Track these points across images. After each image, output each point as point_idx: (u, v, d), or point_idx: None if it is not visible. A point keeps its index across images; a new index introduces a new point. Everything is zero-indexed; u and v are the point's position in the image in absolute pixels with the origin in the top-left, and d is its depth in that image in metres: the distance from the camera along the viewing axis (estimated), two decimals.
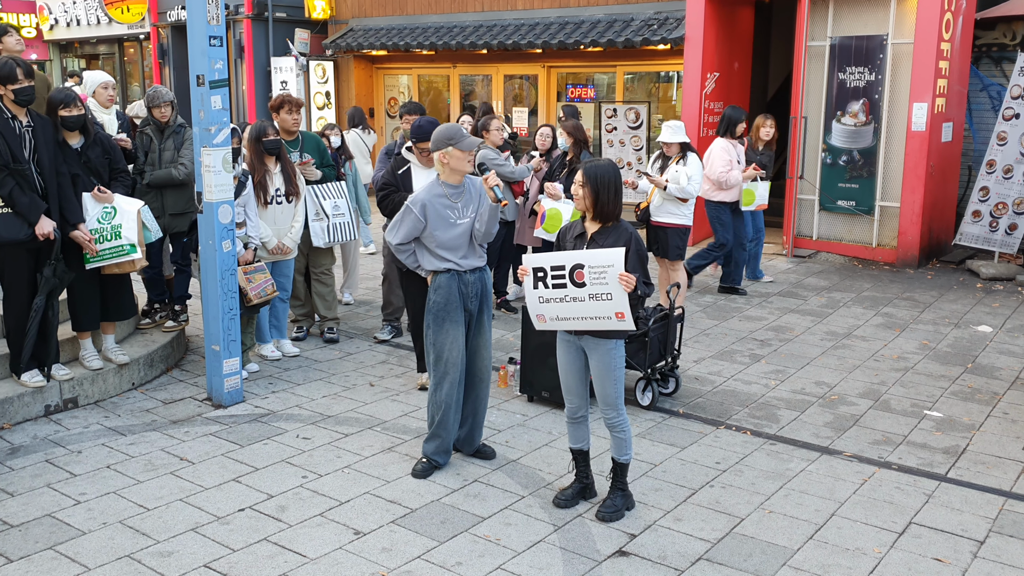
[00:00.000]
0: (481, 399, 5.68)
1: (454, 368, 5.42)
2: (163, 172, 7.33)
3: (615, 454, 4.99)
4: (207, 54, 6.18)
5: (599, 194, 4.71)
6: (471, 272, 5.44)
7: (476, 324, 5.53)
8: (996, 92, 12.32)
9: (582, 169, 4.77)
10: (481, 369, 5.62)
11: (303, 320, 8.37)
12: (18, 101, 5.97)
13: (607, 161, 4.83)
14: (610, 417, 4.92)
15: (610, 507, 4.97)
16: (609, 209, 4.75)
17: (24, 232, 5.99)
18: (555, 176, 8.66)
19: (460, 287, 5.38)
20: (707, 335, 8.50)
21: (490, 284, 5.64)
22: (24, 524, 4.84)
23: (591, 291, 4.63)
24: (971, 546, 4.73)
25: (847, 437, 6.13)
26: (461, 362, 5.44)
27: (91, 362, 6.69)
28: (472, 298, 5.44)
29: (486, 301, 5.55)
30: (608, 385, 4.88)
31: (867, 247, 11.75)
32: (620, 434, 4.94)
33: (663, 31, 13.10)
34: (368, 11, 17.33)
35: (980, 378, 7.31)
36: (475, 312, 5.49)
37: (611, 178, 4.72)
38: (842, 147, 11.67)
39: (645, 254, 4.80)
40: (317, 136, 8.40)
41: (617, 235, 4.76)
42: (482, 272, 5.52)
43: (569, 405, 5.09)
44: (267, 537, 4.74)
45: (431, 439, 5.54)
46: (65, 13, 22.75)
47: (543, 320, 4.91)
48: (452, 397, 5.46)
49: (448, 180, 5.39)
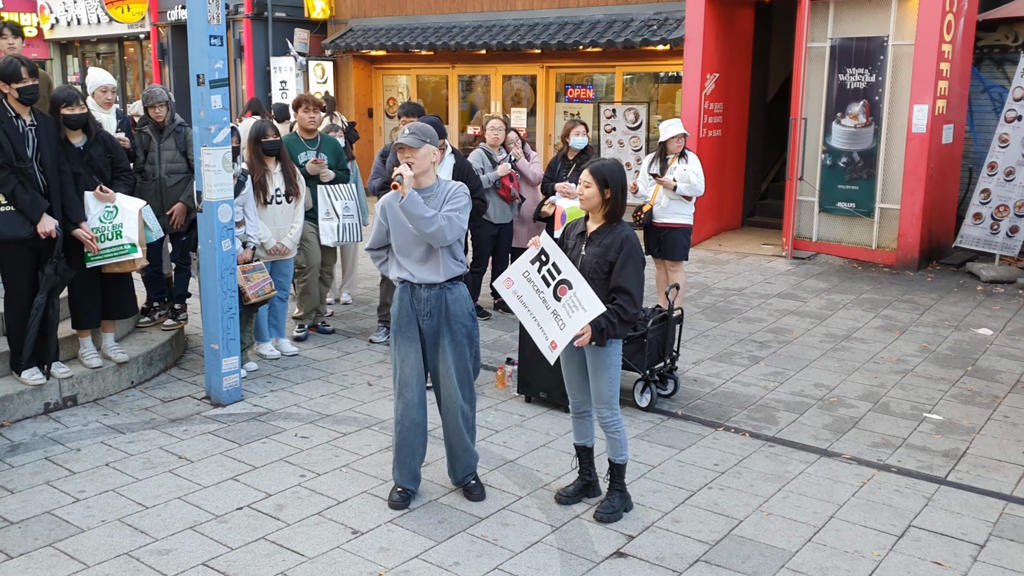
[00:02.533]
0: (450, 429, 5.13)
1: (407, 388, 5.02)
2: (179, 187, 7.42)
3: (611, 455, 4.99)
4: (207, 53, 6.18)
5: (608, 193, 4.74)
6: (426, 287, 4.92)
7: (433, 346, 5.01)
8: (997, 94, 12.32)
9: (589, 168, 4.78)
10: (445, 399, 5.09)
11: (305, 318, 8.37)
12: (22, 100, 5.97)
13: (613, 160, 4.85)
14: (604, 416, 4.92)
15: (608, 508, 4.97)
16: (616, 208, 4.78)
17: (26, 230, 5.99)
18: (560, 176, 8.67)
19: (412, 302, 4.96)
20: (706, 336, 8.50)
21: (456, 308, 4.96)
22: (23, 521, 4.84)
23: (557, 309, 4.68)
24: (971, 550, 4.72)
25: (846, 439, 6.13)
26: (416, 383, 5.03)
27: (91, 360, 6.69)
28: (425, 316, 4.93)
29: (446, 323, 4.96)
30: (602, 382, 4.88)
31: (867, 249, 11.75)
32: (614, 434, 4.94)
33: (663, 32, 13.10)
34: (367, 11, 17.33)
35: (980, 381, 7.31)
36: (430, 332, 4.97)
37: (619, 177, 4.76)
38: (842, 149, 11.67)
39: (641, 257, 4.78)
40: (335, 139, 8.46)
41: (613, 236, 4.76)
42: (440, 289, 4.93)
43: (571, 400, 5.11)
44: (265, 536, 4.74)
45: (396, 464, 5.15)
46: (65, 12, 22.75)
47: (508, 286, 4.89)
48: (407, 418, 5.05)
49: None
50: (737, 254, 12.39)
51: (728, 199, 13.86)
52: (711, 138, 12.79)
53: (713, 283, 10.67)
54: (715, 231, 13.59)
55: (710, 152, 12.55)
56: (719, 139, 13.05)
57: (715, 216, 13.45)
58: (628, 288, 4.70)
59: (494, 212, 8.72)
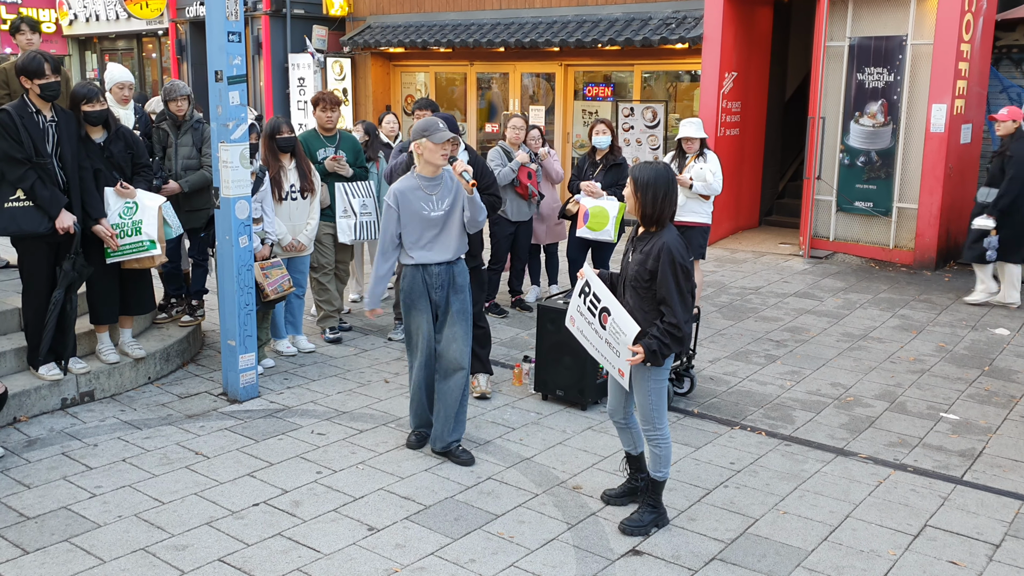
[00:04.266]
0: (450, 395, 5.62)
1: (420, 352, 5.67)
2: (197, 176, 7.37)
3: (650, 468, 4.88)
4: (225, 50, 6.20)
5: (642, 199, 4.60)
6: (436, 265, 5.55)
7: (443, 314, 5.64)
8: (1016, 94, 12.22)
9: (631, 171, 4.68)
10: (451, 360, 5.62)
11: (332, 318, 8.25)
12: (44, 96, 6.00)
13: (659, 164, 4.67)
14: (647, 430, 4.81)
15: (636, 522, 4.81)
16: (650, 213, 4.60)
17: (44, 226, 6.02)
18: (587, 175, 8.66)
19: (424, 277, 5.54)
20: (723, 335, 8.48)
21: (462, 277, 5.67)
22: (40, 516, 4.87)
23: (608, 339, 4.69)
24: (986, 549, 4.70)
25: (862, 439, 6.11)
26: (427, 346, 5.64)
27: (108, 356, 6.73)
28: (436, 288, 5.57)
29: (455, 293, 5.62)
30: (643, 396, 4.75)
31: (884, 248, 11.70)
32: (656, 449, 4.81)
33: (681, 30, 13.08)
34: (386, 8, 17.36)
35: (997, 381, 7.27)
36: (441, 302, 5.61)
37: (655, 182, 4.57)
38: (860, 148, 11.62)
39: (681, 264, 4.54)
40: (354, 137, 8.47)
41: (652, 243, 4.59)
42: (450, 265, 5.60)
43: (608, 407, 5.05)
44: (281, 532, 4.76)
45: (413, 412, 5.87)
46: (84, 8, 22.85)
47: (572, 324, 5.01)
48: (422, 375, 5.72)
49: (423, 172, 5.50)
50: (754, 253, 12.35)
51: (745, 198, 13.81)
52: (729, 137, 12.75)
53: (730, 282, 10.64)
54: (732, 230, 13.55)
55: (728, 151, 12.51)
56: (736, 138, 13.01)
57: (732, 215, 13.41)
58: (667, 299, 4.54)
59: (511, 210, 8.71)
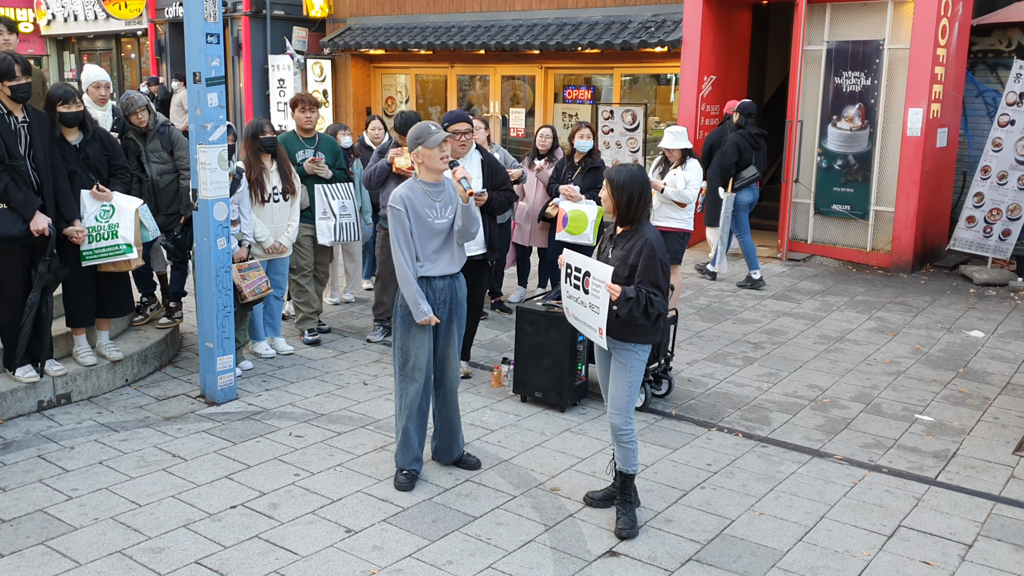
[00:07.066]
0: (453, 410, 5.57)
1: (421, 373, 5.28)
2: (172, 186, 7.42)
3: (620, 464, 4.93)
4: (204, 51, 6.19)
5: (618, 200, 4.77)
6: (440, 279, 5.27)
7: (445, 332, 5.39)
8: (991, 98, 12.36)
9: (606, 174, 4.84)
10: (451, 379, 5.51)
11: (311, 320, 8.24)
12: (15, 98, 5.97)
13: (632, 165, 4.83)
14: (616, 423, 4.84)
15: (628, 523, 4.84)
16: (625, 213, 4.78)
17: (19, 228, 5.99)
18: (565, 178, 8.68)
19: (428, 292, 5.23)
20: (700, 337, 8.52)
21: (463, 291, 5.43)
22: (16, 519, 4.84)
23: (590, 300, 4.78)
24: (959, 549, 4.75)
25: (838, 440, 6.16)
26: (428, 367, 5.32)
27: (85, 358, 6.70)
28: (440, 305, 5.28)
29: (456, 310, 5.40)
30: (619, 387, 4.83)
31: (861, 251, 11.79)
32: (626, 444, 4.87)
33: (660, 33, 13.12)
34: (366, 10, 17.34)
35: (971, 383, 7.34)
36: (443, 320, 5.33)
37: (630, 184, 4.74)
38: (837, 151, 11.71)
39: (659, 258, 4.68)
40: (333, 139, 8.46)
41: (635, 240, 4.76)
42: (453, 280, 5.35)
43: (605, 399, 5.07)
44: (259, 534, 4.75)
45: (402, 448, 5.39)
46: (62, 8, 22.71)
47: (568, 314, 5.11)
48: (418, 402, 5.32)
49: (425, 179, 5.26)
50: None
51: None
52: None
53: (708, 284, 10.70)
54: None
55: None
56: None
57: None
58: (652, 279, 4.65)
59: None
